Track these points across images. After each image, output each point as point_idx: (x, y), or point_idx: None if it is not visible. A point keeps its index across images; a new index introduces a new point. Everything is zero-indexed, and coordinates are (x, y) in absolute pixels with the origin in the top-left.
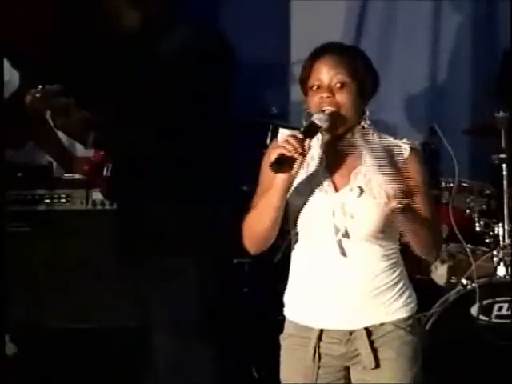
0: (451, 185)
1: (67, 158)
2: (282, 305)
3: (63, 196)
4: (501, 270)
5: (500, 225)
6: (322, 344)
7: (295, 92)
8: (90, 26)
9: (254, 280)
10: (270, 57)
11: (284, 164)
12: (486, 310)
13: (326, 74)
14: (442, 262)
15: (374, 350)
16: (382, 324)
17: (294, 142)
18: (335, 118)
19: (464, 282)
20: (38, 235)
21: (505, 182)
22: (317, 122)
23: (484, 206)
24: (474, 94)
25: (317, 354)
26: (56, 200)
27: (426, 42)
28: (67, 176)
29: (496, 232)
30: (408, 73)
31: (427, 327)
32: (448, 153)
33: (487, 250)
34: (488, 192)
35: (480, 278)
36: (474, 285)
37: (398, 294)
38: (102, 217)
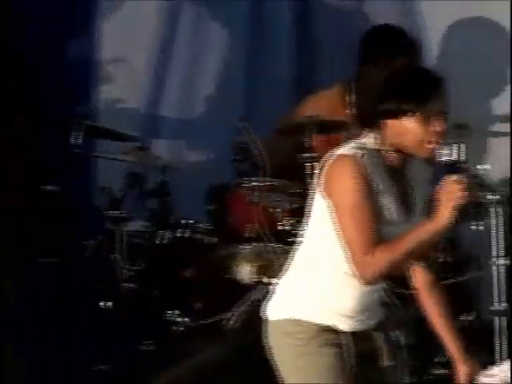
0: (260, 184)
1: None
2: (95, 304)
3: None
4: None
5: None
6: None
7: (104, 91)
8: None
9: (62, 280)
10: (81, 56)
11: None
12: None
13: (440, 106)
14: (250, 262)
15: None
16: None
17: (464, 188)
18: None
19: (270, 281)
20: None
21: (311, 181)
22: (453, 157)
23: (292, 205)
24: (289, 94)
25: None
26: None
27: (241, 38)
28: None
29: None
30: (224, 71)
31: (234, 326)
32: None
33: None
34: (297, 191)
35: None
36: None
37: None
38: None
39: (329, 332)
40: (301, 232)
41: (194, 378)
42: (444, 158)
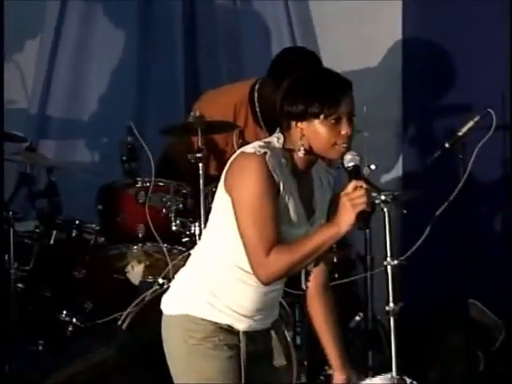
0: (148, 184)
1: None
2: None
3: None
4: None
5: (196, 224)
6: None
7: None
8: None
9: None
10: None
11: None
12: None
13: (349, 109)
14: (139, 262)
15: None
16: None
17: (367, 194)
18: None
19: (161, 281)
20: None
21: (201, 181)
22: (356, 163)
23: (180, 205)
24: (183, 93)
25: (245, 355)
26: None
27: (132, 37)
28: None
29: (192, 231)
30: (114, 72)
31: (124, 327)
32: (145, 152)
33: (184, 249)
34: (185, 191)
35: None
36: (170, 284)
37: None
38: None
39: (225, 331)
40: (193, 231)
41: (85, 378)
42: (348, 164)
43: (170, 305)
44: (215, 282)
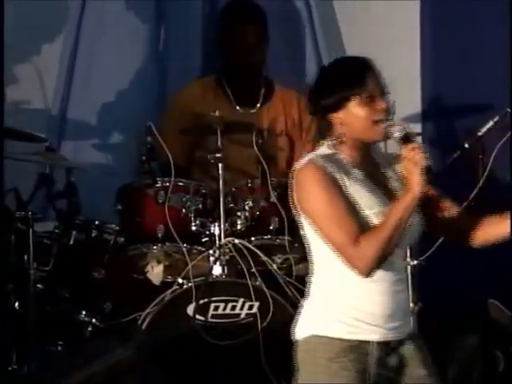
0: (167, 184)
1: None
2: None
3: None
4: (217, 270)
5: (216, 224)
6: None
7: (10, 93)
8: None
9: None
10: None
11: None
12: (203, 310)
13: (378, 85)
14: (158, 262)
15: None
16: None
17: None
18: None
19: (180, 281)
20: None
21: (221, 181)
22: (404, 131)
23: (200, 206)
24: None
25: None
26: None
27: (152, 36)
28: None
29: (212, 231)
30: (132, 72)
31: (143, 327)
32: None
33: (203, 249)
34: (204, 191)
35: (196, 278)
36: (190, 284)
37: None
38: None
39: (354, 351)
40: (212, 231)
41: (103, 378)
42: (395, 135)
43: (299, 330)
44: (338, 297)
